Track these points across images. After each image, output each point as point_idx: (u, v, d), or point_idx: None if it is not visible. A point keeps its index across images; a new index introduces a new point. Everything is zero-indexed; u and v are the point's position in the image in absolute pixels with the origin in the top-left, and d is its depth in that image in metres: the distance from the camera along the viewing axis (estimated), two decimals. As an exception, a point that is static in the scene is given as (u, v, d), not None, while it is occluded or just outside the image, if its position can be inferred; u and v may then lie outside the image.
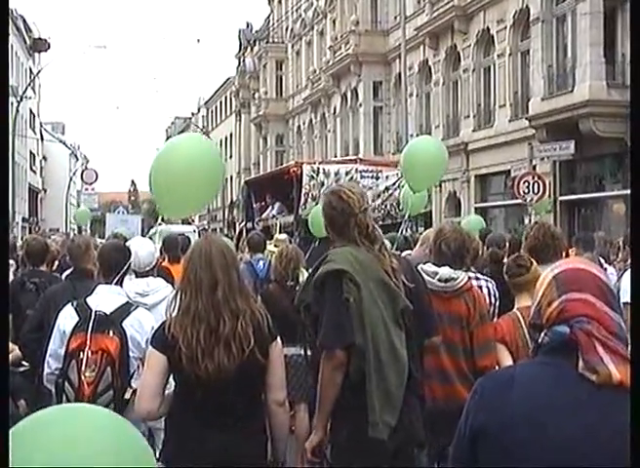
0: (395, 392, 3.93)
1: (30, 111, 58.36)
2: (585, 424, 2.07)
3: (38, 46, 38.05)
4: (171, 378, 3.82)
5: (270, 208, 16.33)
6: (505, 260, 6.85)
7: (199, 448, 3.65)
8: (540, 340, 2.26)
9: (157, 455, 3.78)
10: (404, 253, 7.96)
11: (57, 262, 10.41)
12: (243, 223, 17.90)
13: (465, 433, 2.24)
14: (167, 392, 3.82)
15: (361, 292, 3.92)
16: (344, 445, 4.01)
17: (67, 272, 7.47)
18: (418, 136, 29.86)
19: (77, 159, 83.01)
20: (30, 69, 56.59)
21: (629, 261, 7.59)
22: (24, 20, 54.11)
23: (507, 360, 4.95)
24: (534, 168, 20.94)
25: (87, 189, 48.01)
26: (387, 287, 4.01)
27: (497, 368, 4.87)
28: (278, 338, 3.90)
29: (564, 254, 6.67)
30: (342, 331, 3.89)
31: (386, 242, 8.21)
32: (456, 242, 5.32)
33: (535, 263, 5.29)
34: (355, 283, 3.92)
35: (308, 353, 4.24)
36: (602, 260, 9.12)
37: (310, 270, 4.37)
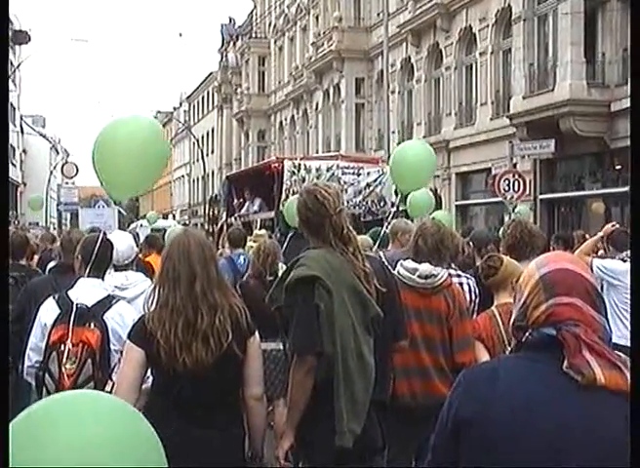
0: (362, 400, 3.92)
1: (11, 104, 57.99)
2: (567, 419, 2.09)
3: (19, 38, 37.69)
4: (148, 372, 3.81)
5: (251, 203, 16.29)
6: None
7: (176, 442, 3.64)
8: (523, 340, 2.25)
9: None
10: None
11: (37, 256, 10.39)
12: (224, 219, 17.86)
13: (448, 423, 2.25)
14: (144, 386, 3.82)
15: (332, 298, 3.89)
16: (309, 450, 4.03)
17: (50, 265, 7.45)
18: (399, 132, 30.04)
19: (58, 153, 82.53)
20: (11, 62, 56.24)
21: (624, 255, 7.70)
22: (5, 13, 53.69)
23: (484, 356, 4.97)
24: (514, 166, 21.03)
25: (67, 183, 47.66)
26: (359, 293, 3.99)
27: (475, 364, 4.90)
28: (256, 333, 3.89)
29: (545, 251, 6.71)
30: (312, 337, 3.88)
31: (369, 239, 8.26)
32: (433, 238, 5.33)
33: (505, 261, 5.31)
34: (327, 289, 3.89)
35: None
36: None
37: (285, 268, 4.36)
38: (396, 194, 12.36)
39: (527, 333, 2.25)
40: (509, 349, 2.39)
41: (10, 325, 5.70)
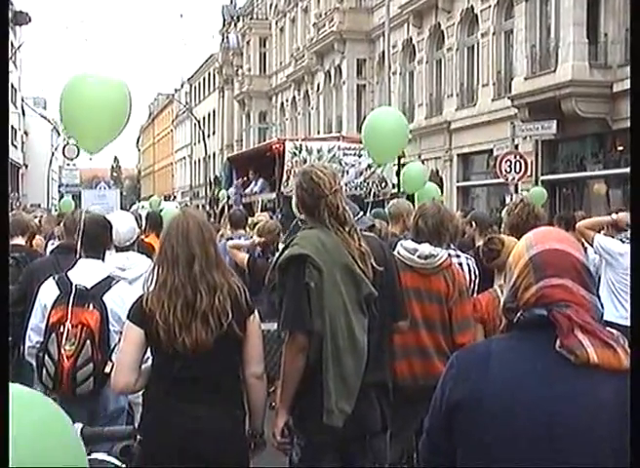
0: (352, 379, 3.92)
1: (11, 85, 57.85)
2: (560, 398, 2.09)
3: (19, 19, 37.54)
4: (148, 352, 3.83)
5: (253, 184, 16.32)
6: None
7: (176, 421, 3.67)
8: (515, 320, 2.24)
9: (136, 428, 3.80)
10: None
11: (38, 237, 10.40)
12: (225, 200, 17.89)
13: (442, 406, 2.25)
14: (144, 366, 3.84)
15: (323, 277, 3.90)
16: (303, 429, 4.05)
17: (52, 246, 7.46)
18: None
19: (59, 134, 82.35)
20: (11, 43, 56.05)
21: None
22: (5, -7, 53.40)
23: (482, 338, 4.99)
24: (516, 147, 20.98)
25: (68, 165, 47.57)
26: (352, 272, 3.98)
27: (474, 344, 4.90)
28: (255, 311, 3.91)
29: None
30: (302, 315, 3.90)
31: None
32: (433, 218, 5.33)
33: (507, 242, 5.29)
34: (318, 268, 3.90)
35: None
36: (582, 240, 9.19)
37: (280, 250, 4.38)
38: (397, 175, 12.36)
39: (518, 314, 2.23)
40: (500, 330, 2.38)
41: (13, 306, 5.74)
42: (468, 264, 5.96)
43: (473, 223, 8.34)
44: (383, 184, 14.43)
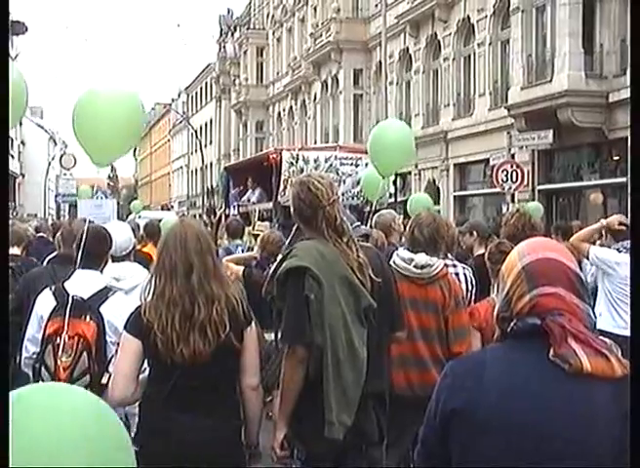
0: (352, 391, 3.91)
1: (8, 95, 57.76)
2: (555, 407, 2.10)
3: (15, 29, 37.59)
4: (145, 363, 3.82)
5: (250, 194, 16.30)
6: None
7: (174, 431, 3.66)
8: (508, 330, 2.26)
9: (132, 439, 3.79)
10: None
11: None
12: (222, 210, 17.88)
13: (436, 415, 2.26)
14: (141, 377, 3.83)
15: (322, 289, 3.88)
16: (302, 441, 4.04)
17: (50, 256, 7.46)
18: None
19: (56, 144, 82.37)
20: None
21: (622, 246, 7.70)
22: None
23: (479, 346, 4.99)
24: (512, 157, 21.01)
25: (65, 174, 47.61)
26: (351, 284, 3.96)
27: (471, 354, 4.90)
28: (253, 323, 3.89)
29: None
30: (301, 327, 3.87)
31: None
32: (429, 228, 5.33)
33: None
34: (317, 280, 3.87)
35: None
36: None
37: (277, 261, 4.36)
38: (394, 184, 12.37)
39: (512, 323, 2.24)
40: (494, 339, 2.39)
41: (9, 315, 5.71)
42: (465, 274, 5.97)
43: (474, 233, 8.33)
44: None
